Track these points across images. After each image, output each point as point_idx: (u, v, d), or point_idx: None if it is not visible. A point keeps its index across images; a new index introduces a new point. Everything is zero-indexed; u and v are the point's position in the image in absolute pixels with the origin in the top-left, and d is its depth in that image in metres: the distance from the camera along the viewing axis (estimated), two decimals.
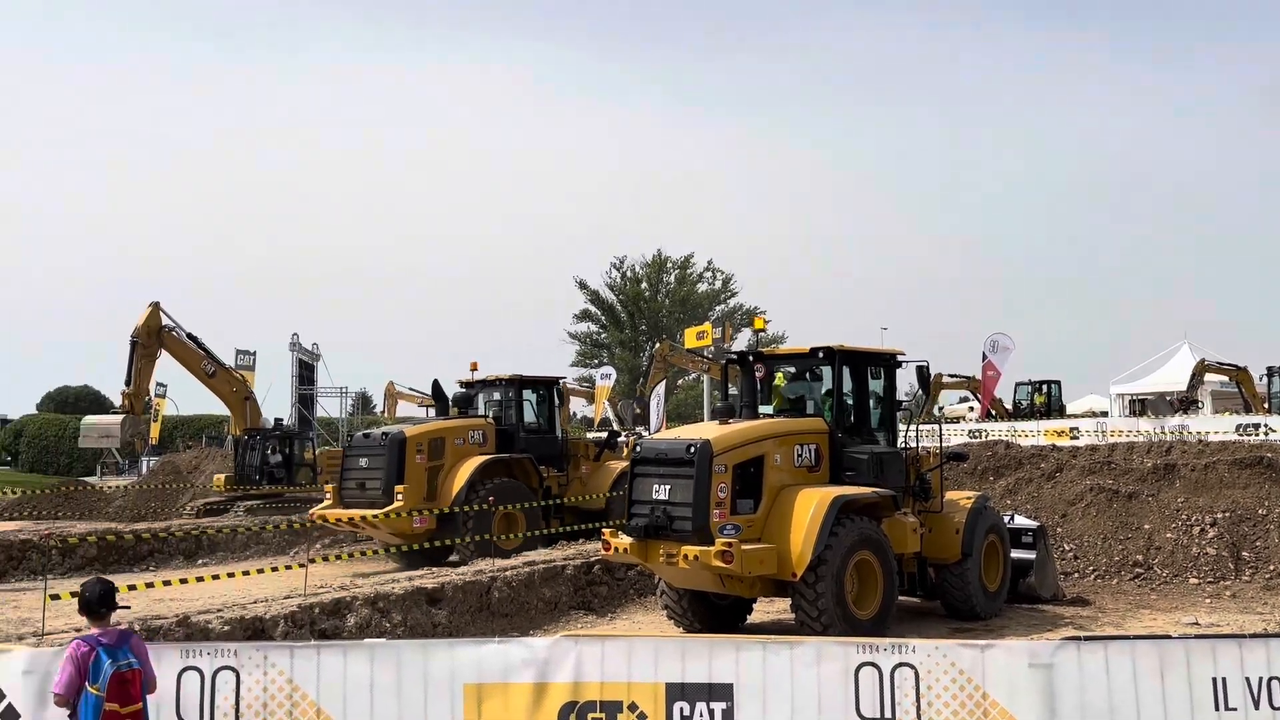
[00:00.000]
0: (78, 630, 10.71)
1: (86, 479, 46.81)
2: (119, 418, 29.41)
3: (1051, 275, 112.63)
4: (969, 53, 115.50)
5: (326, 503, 18.85)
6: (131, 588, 12.87)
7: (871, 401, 13.16)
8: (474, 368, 20.76)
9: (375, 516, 17.25)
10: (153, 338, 27.25)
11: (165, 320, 27.79)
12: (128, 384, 27.51)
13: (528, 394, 20.36)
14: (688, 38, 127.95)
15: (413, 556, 17.13)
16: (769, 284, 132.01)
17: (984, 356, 39.30)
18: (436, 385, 19.96)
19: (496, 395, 20.30)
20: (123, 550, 19.74)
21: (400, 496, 17.32)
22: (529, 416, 20.20)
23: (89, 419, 32.50)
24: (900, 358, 13.37)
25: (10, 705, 6.05)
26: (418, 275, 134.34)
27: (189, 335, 28.57)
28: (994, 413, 38.78)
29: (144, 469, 51.87)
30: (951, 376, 42.53)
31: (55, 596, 12.02)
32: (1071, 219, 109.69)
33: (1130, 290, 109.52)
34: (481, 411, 19.95)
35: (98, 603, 6.13)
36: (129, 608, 7.52)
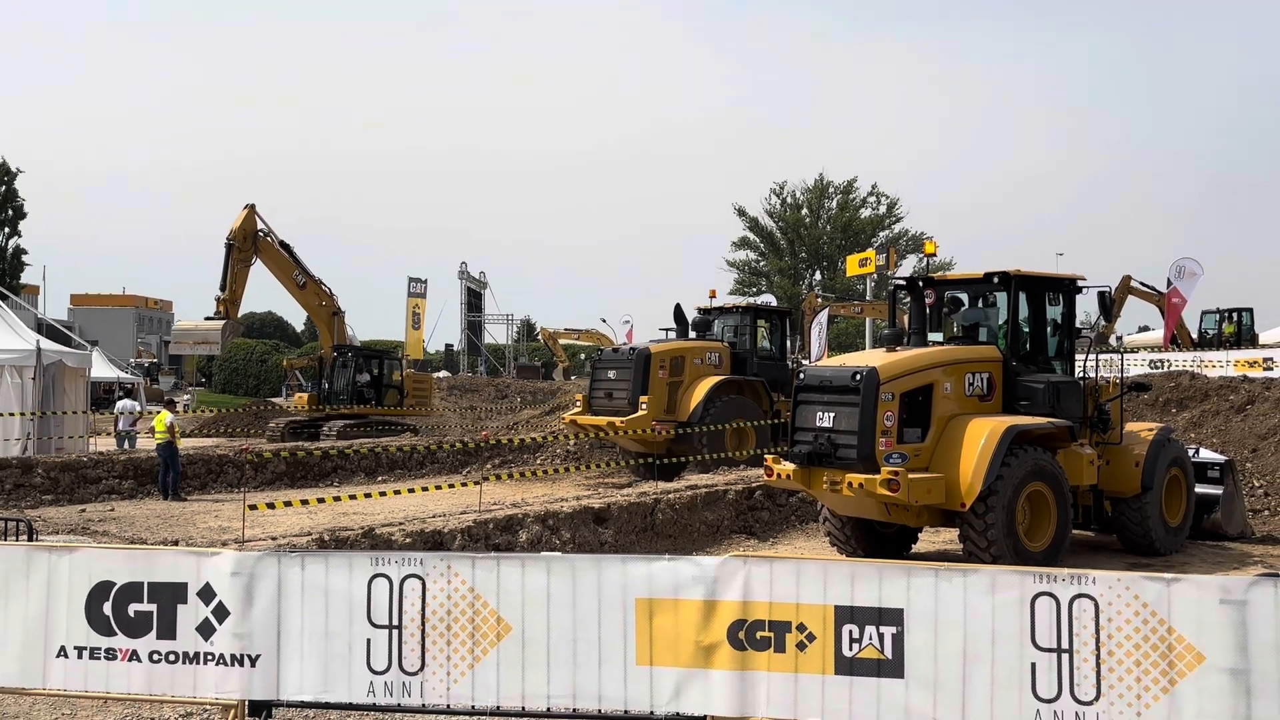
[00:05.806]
0: (274, 539, 11.51)
1: (273, 399, 49.78)
2: (216, 324, 26.46)
3: (1246, 199, 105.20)
4: None
5: (576, 409, 20.27)
6: (320, 500, 13.73)
7: (1049, 329, 12.69)
8: (712, 295, 21.97)
9: (621, 423, 18.53)
10: (248, 242, 26.29)
11: (260, 225, 26.58)
12: (223, 289, 26.04)
13: (761, 322, 21.42)
14: None
15: (648, 470, 18.41)
16: (939, 209, 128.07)
17: (1169, 283, 37.12)
18: (679, 309, 20.71)
19: (732, 322, 21.40)
20: (310, 466, 20.97)
21: (644, 406, 18.60)
22: (762, 343, 21.16)
23: (181, 323, 28.56)
24: (1081, 283, 12.80)
25: (221, 603, 6.53)
26: (578, 201, 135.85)
27: (282, 244, 27.29)
28: (1178, 342, 36.69)
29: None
30: (1145, 286, 38.00)
31: (253, 507, 12.92)
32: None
33: None
34: (718, 336, 20.92)
35: None
36: None
